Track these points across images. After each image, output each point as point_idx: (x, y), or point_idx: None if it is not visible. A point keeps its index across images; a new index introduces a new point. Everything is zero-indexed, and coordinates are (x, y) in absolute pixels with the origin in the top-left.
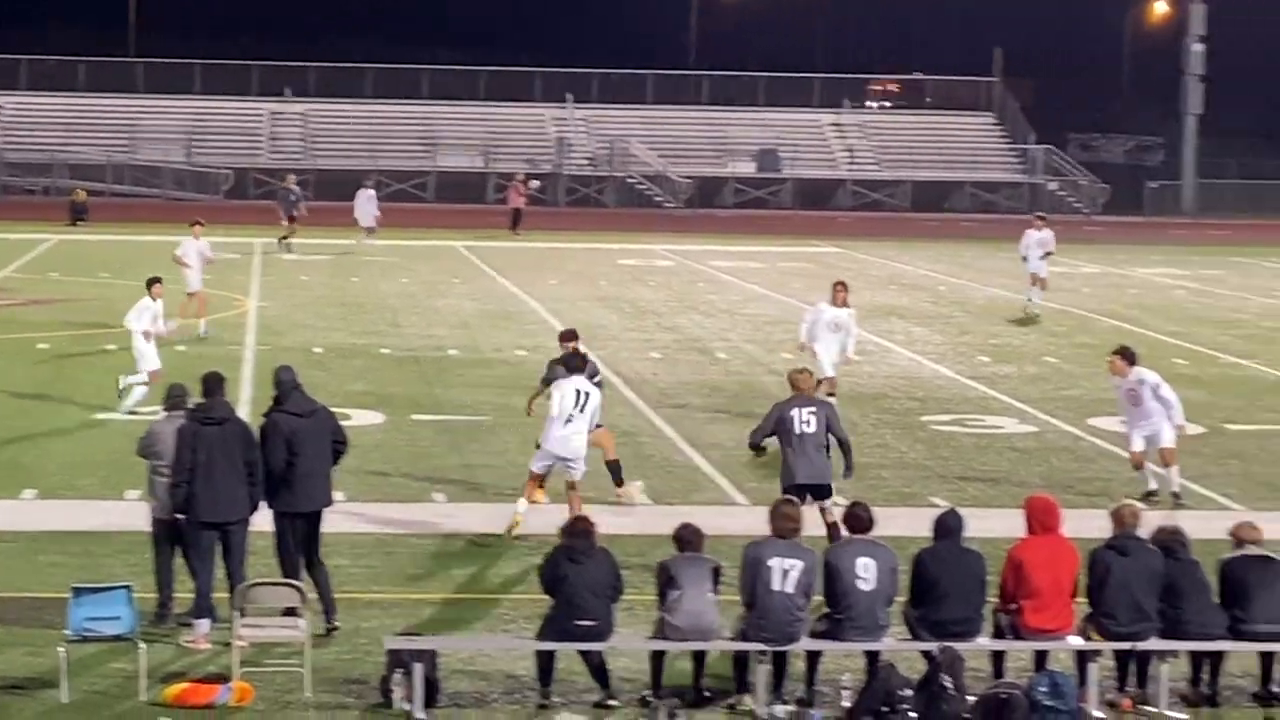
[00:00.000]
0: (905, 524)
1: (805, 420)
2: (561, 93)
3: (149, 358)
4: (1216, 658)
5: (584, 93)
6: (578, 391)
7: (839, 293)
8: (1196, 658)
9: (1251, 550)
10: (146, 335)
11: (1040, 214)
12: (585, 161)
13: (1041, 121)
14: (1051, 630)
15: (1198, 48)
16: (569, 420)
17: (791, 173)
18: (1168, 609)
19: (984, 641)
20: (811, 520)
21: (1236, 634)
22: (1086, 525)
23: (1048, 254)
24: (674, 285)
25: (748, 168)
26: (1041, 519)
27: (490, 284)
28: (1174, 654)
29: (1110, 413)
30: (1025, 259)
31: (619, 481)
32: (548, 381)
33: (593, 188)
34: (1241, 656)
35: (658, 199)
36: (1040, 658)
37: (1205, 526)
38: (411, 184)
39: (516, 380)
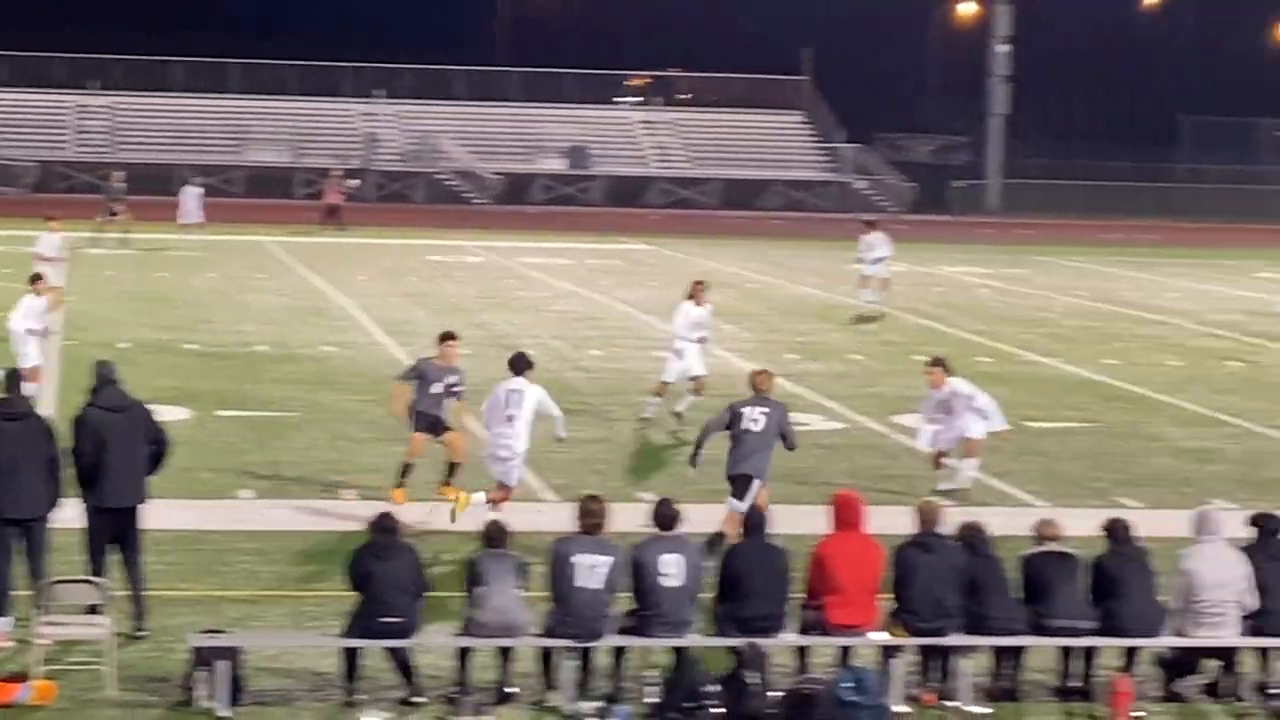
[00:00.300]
0: (714, 521)
1: (754, 419)
2: (371, 88)
3: (31, 356)
4: (1018, 652)
5: (394, 88)
6: (509, 392)
7: (699, 291)
8: (998, 652)
9: (1052, 547)
10: (32, 332)
11: (868, 218)
12: (395, 157)
13: (850, 121)
14: (856, 626)
15: (1003, 49)
16: (507, 421)
17: (601, 170)
18: (970, 605)
19: (789, 637)
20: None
21: (1037, 629)
22: (892, 522)
23: (880, 258)
24: (483, 282)
25: (558, 164)
26: (846, 516)
27: (299, 280)
28: (976, 649)
29: (916, 410)
30: (873, 261)
31: (446, 484)
32: (410, 378)
33: (402, 183)
34: (1042, 651)
35: (467, 195)
36: (844, 653)
37: (1008, 523)
38: (220, 179)
39: (324, 376)
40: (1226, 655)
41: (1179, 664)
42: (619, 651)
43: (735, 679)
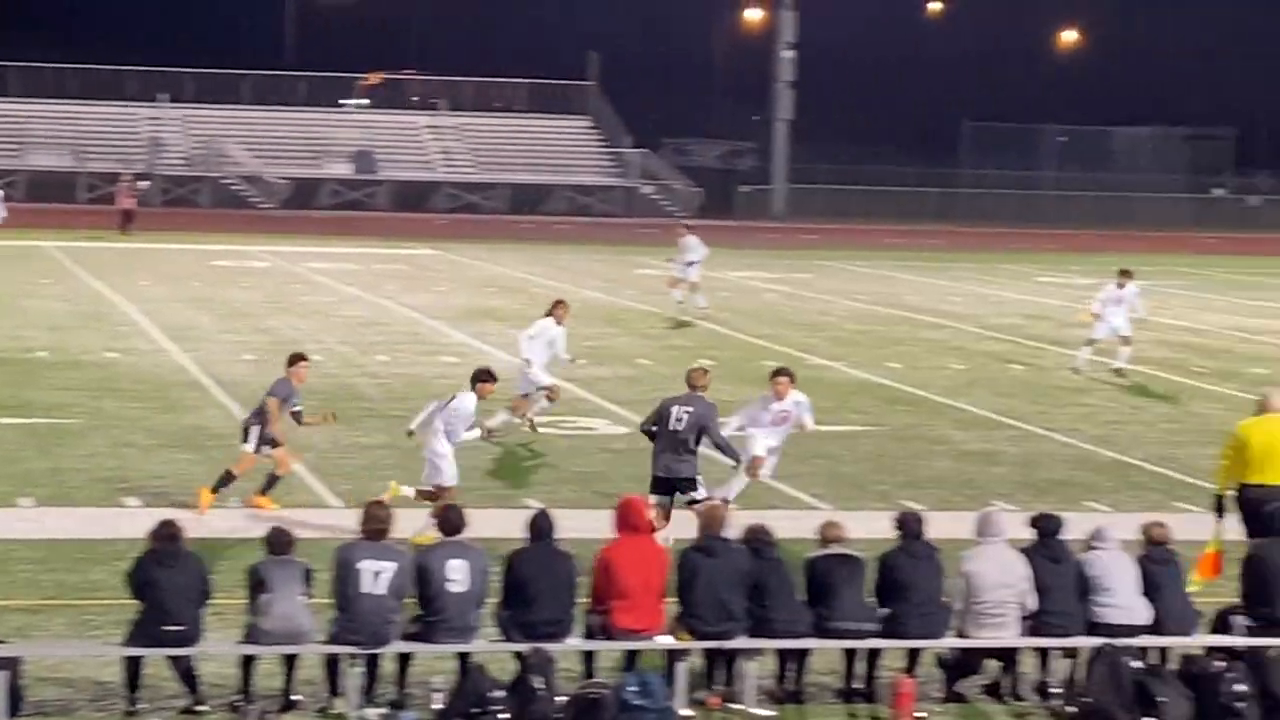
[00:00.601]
0: (499, 525)
1: (679, 418)
2: (155, 91)
3: None
4: (802, 655)
5: (179, 92)
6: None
7: (560, 310)
8: (783, 655)
9: (836, 549)
10: None
11: (685, 223)
12: (180, 161)
13: (637, 126)
14: (641, 630)
15: (788, 54)
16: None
17: (388, 175)
18: (755, 608)
19: (574, 642)
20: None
21: (822, 631)
22: (678, 526)
23: (693, 262)
24: (269, 287)
25: (344, 169)
26: (631, 520)
27: (82, 285)
28: (761, 652)
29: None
30: (687, 264)
31: (263, 490)
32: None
33: (187, 188)
34: (826, 653)
35: (253, 200)
36: (630, 658)
37: (793, 526)
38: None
39: (106, 383)
40: (1007, 656)
41: (960, 665)
42: (404, 658)
43: (521, 684)
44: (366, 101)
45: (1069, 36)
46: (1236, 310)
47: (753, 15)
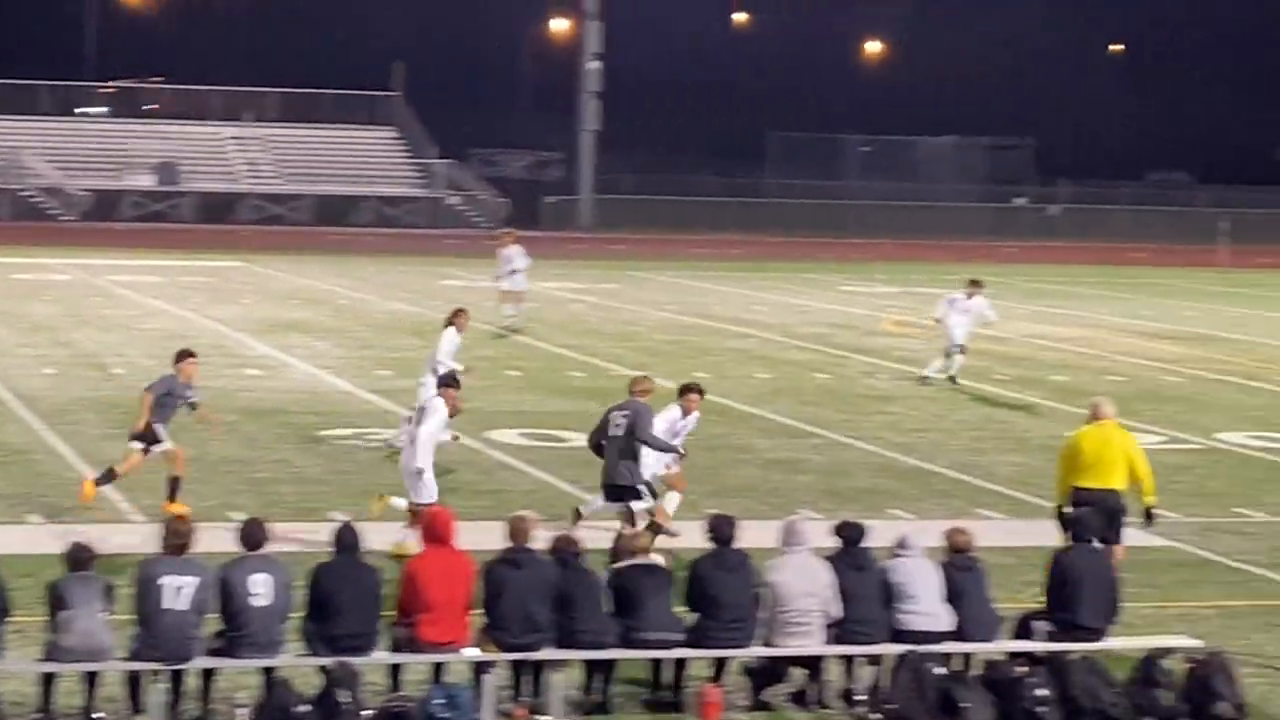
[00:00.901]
0: (305, 539)
1: (617, 424)
2: None
3: None
4: (609, 666)
5: None
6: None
7: (461, 318)
8: (590, 666)
9: (641, 560)
10: None
11: (508, 230)
12: None
13: (443, 136)
14: (447, 643)
15: (594, 65)
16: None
17: (192, 186)
18: (561, 619)
19: (380, 655)
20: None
21: (628, 642)
22: (486, 537)
23: (515, 270)
24: (70, 300)
25: (147, 181)
26: (436, 532)
27: None
28: (567, 663)
29: (509, 425)
30: (503, 274)
31: (171, 498)
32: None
33: None
34: (633, 663)
35: (54, 212)
36: (436, 670)
37: (595, 536)
38: None
39: None
40: (812, 663)
41: (766, 673)
42: (208, 674)
43: (326, 698)
44: (105, 110)
45: (873, 48)
46: (1037, 318)
47: (559, 26)
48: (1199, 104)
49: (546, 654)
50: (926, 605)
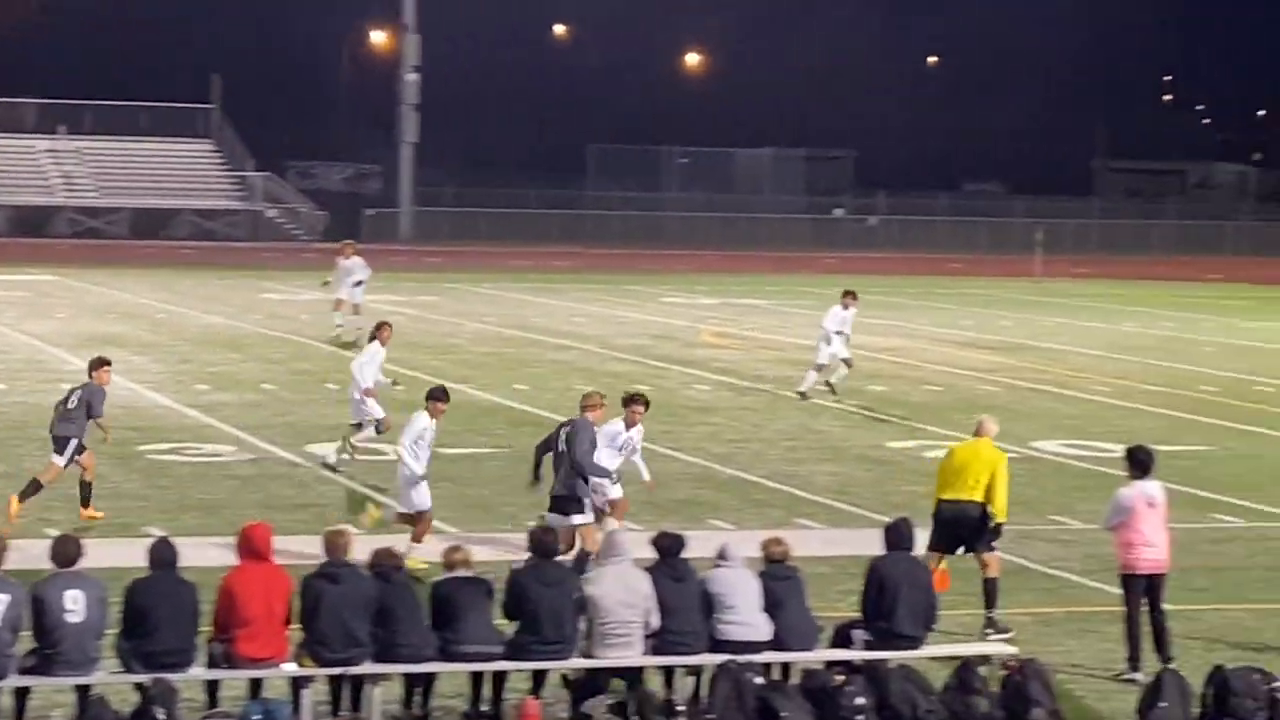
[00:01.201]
0: (121, 554)
1: (564, 440)
2: None
3: None
4: (429, 679)
5: None
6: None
7: (385, 333)
8: (409, 679)
9: (462, 572)
10: None
11: (349, 241)
12: None
13: (261, 149)
14: (265, 658)
15: (412, 77)
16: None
17: (5, 199)
18: (380, 632)
19: (198, 671)
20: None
21: (447, 655)
22: (304, 551)
23: (359, 282)
24: None
25: None
26: (254, 547)
27: None
28: (387, 676)
29: (329, 438)
30: (342, 285)
31: (85, 503)
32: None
33: None
34: (453, 676)
35: None
36: (255, 686)
37: (421, 549)
38: None
39: None
40: (632, 674)
41: (586, 684)
42: (22, 692)
43: (143, 716)
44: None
45: (692, 60)
46: (856, 329)
47: (378, 37)
48: (1013, 116)
49: (365, 668)
50: (745, 615)
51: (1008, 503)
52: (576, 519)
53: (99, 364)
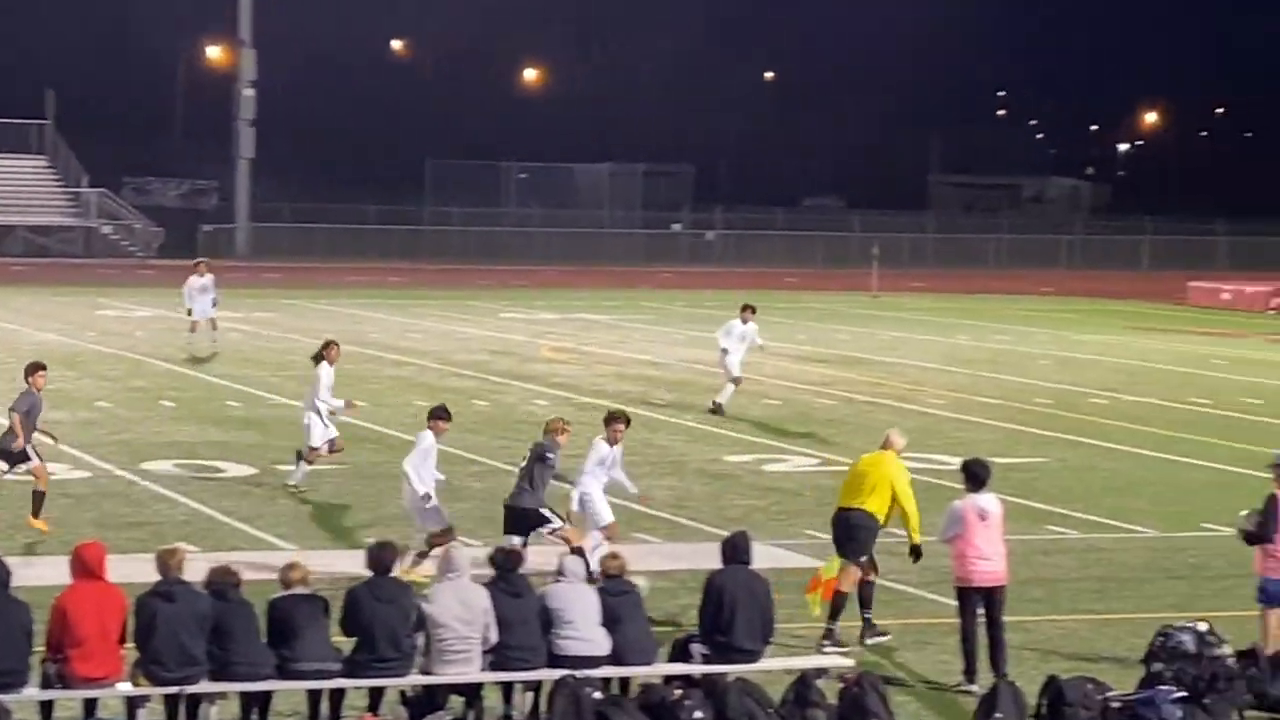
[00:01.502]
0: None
1: (523, 457)
2: None
3: None
4: (265, 697)
5: None
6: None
7: (332, 352)
8: (246, 698)
9: (299, 590)
10: None
11: (201, 259)
12: None
13: (95, 164)
14: (100, 678)
15: (249, 93)
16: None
17: None
18: (216, 651)
19: (31, 692)
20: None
21: (284, 673)
22: (139, 570)
23: (215, 300)
24: None
25: None
26: (87, 566)
27: None
28: (224, 695)
29: (164, 456)
30: (187, 300)
31: (35, 512)
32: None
33: None
34: (290, 694)
35: None
36: (89, 706)
37: (258, 566)
38: None
39: None
40: (471, 690)
41: (424, 701)
42: None
43: None
44: None
45: (530, 75)
46: (694, 343)
47: (214, 53)
48: (850, 132)
49: (202, 687)
50: (583, 630)
51: (919, 521)
52: (545, 529)
53: (35, 369)
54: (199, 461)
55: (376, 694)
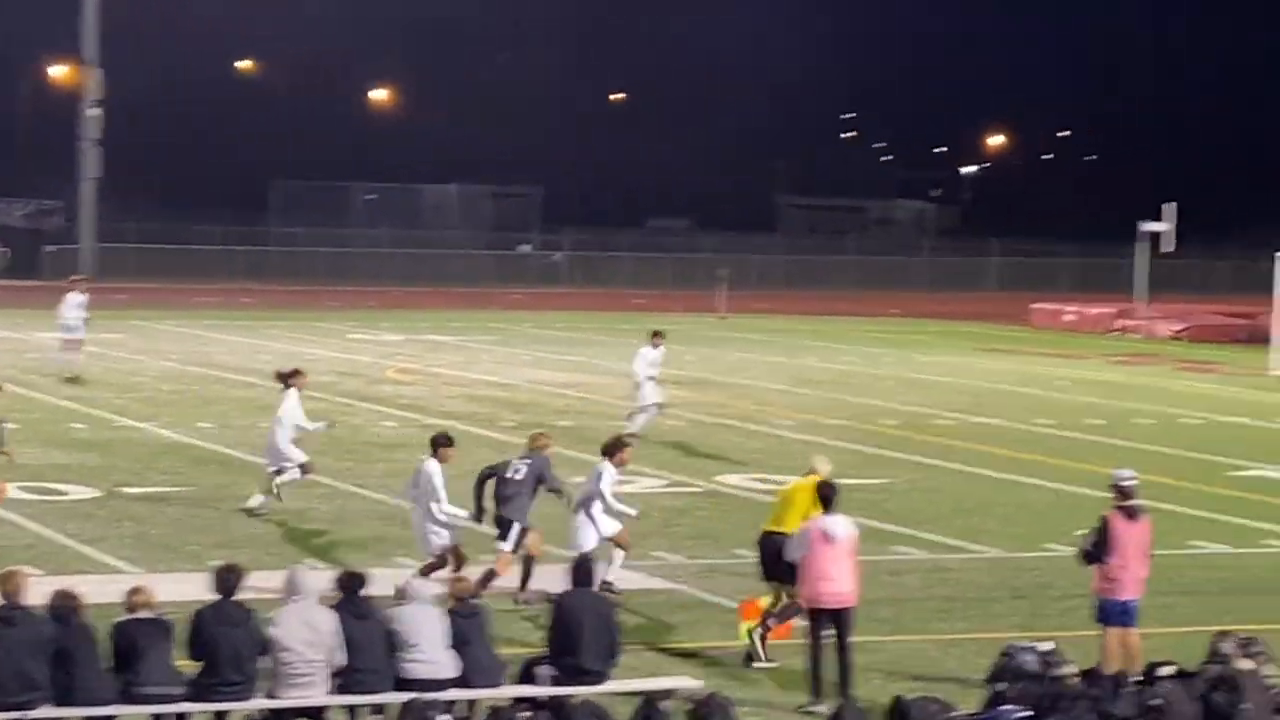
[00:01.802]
0: None
1: (517, 469)
2: None
3: None
4: None
5: None
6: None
7: (300, 379)
8: None
9: (144, 614)
10: None
11: (78, 276)
12: None
13: None
14: None
15: (94, 112)
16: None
17: None
18: (59, 675)
19: None
20: None
21: (128, 697)
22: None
23: (87, 318)
24: None
25: None
26: None
27: None
28: None
29: (6, 479)
30: (70, 321)
31: None
32: None
33: None
34: (133, 718)
35: None
36: None
37: (100, 590)
38: None
39: None
40: (315, 714)
41: None
42: None
43: None
44: None
45: (378, 95)
46: (541, 364)
47: (58, 71)
48: (698, 153)
49: (43, 712)
50: (430, 653)
51: None
52: (502, 544)
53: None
54: (42, 484)
55: (221, 718)
